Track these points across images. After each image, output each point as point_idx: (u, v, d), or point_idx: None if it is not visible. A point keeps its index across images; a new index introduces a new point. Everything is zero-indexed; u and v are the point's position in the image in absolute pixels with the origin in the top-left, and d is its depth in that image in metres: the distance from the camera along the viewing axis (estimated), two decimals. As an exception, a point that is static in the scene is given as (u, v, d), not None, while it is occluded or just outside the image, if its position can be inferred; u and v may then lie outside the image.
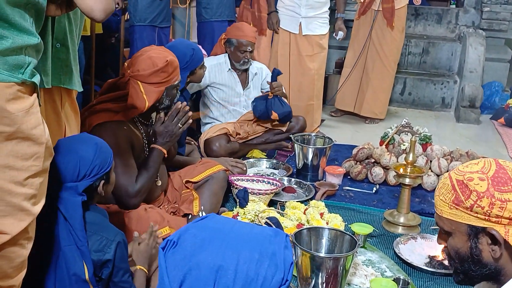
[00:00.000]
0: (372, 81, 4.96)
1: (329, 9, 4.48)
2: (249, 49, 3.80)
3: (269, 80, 3.85)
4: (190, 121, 2.54)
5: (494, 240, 1.27)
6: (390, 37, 4.84)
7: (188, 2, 4.85)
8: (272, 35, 4.67)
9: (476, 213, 1.26)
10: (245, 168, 3.31)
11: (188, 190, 2.75)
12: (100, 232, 1.78)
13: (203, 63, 3.34)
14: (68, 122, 2.04)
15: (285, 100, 3.93)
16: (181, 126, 2.48)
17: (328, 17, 4.49)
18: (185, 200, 2.70)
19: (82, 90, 2.09)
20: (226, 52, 3.88)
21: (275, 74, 3.82)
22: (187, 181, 2.76)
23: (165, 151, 2.48)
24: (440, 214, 1.35)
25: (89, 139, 1.86)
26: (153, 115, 2.61)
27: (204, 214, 2.57)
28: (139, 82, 2.39)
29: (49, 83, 1.84)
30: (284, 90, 3.93)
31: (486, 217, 1.26)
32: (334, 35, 4.64)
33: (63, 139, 1.86)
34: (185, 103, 2.53)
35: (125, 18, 4.74)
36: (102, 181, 1.85)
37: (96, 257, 1.74)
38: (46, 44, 1.83)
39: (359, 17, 4.89)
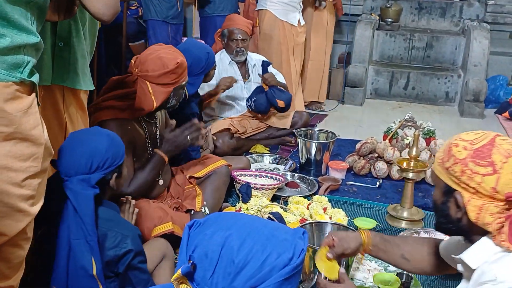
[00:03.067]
0: (327, 67, 5.18)
1: None
2: (240, 37, 3.79)
3: (260, 73, 3.86)
4: (201, 140, 2.54)
5: (457, 203, 1.42)
6: (334, 24, 5.14)
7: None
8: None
9: (451, 174, 1.42)
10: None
11: (191, 185, 2.75)
12: (115, 228, 1.76)
13: (215, 64, 3.34)
14: (71, 122, 2.02)
15: (283, 88, 3.95)
16: (189, 140, 2.49)
17: None
18: (188, 196, 2.69)
19: (94, 88, 2.07)
20: (223, 47, 3.89)
21: (265, 65, 3.87)
22: (191, 177, 2.76)
23: (166, 159, 2.48)
24: (432, 168, 1.53)
25: (102, 131, 1.85)
26: (158, 114, 2.61)
27: (207, 209, 2.58)
28: (147, 82, 2.36)
29: (48, 80, 1.83)
30: (280, 80, 3.95)
31: (457, 181, 1.40)
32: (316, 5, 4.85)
33: (75, 132, 1.84)
34: (202, 124, 2.52)
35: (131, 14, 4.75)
36: (115, 174, 1.83)
37: (113, 253, 1.73)
38: (45, 42, 1.82)
39: (315, 10, 4.97)
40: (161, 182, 2.61)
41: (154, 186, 2.56)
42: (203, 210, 2.57)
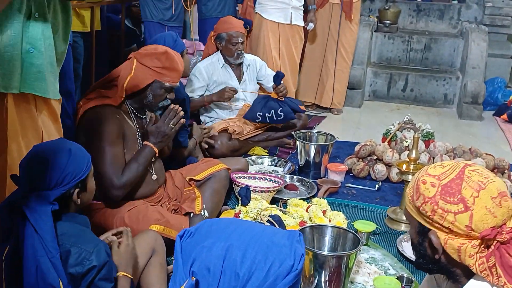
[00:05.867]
0: (331, 73, 5.06)
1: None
2: (240, 40, 3.79)
3: (273, 83, 3.84)
4: (183, 121, 2.53)
5: (432, 244, 1.31)
6: (348, 30, 4.95)
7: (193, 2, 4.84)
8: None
9: (422, 214, 1.31)
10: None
11: (190, 188, 2.74)
12: (79, 244, 1.67)
13: (186, 50, 3.30)
14: (45, 130, 1.97)
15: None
16: (173, 126, 2.49)
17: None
18: (187, 198, 2.68)
19: (59, 98, 2.00)
20: (218, 49, 3.87)
21: (280, 77, 3.82)
22: (190, 179, 2.74)
23: (156, 150, 2.47)
24: (404, 204, 1.42)
25: (63, 144, 1.75)
26: (148, 114, 2.61)
27: (206, 212, 2.56)
28: (135, 60, 2.46)
29: (17, 88, 1.75)
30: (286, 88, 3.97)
31: (430, 221, 1.30)
32: (304, 25, 4.73)
33: (37, 145, 1.77)
34: (178, 106, 2.52)
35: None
36: (77, 189, 1.75)
37: (75, 271, 1.66)
38: (15, 47, 1.75)
39: (317, 10, 4.91)
40: (154, 177, 2.57)
41: (148, 181, 2.54)
42: (202, 213, 2.56)
